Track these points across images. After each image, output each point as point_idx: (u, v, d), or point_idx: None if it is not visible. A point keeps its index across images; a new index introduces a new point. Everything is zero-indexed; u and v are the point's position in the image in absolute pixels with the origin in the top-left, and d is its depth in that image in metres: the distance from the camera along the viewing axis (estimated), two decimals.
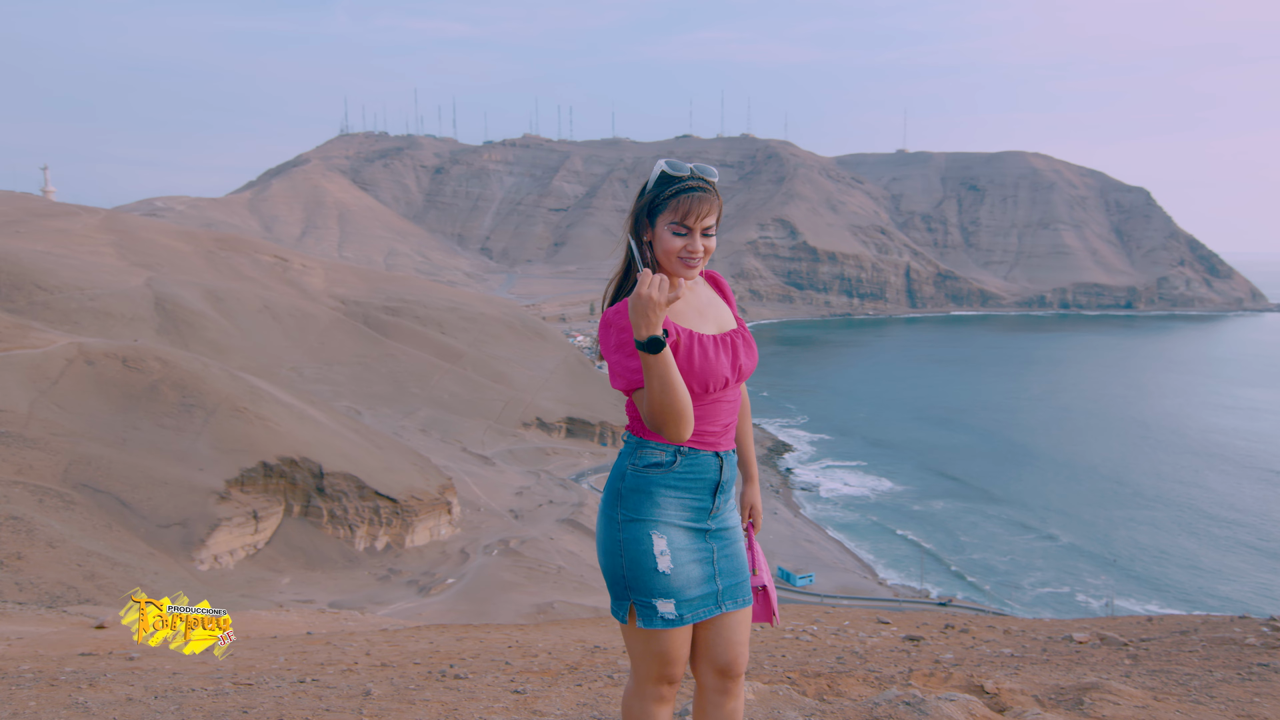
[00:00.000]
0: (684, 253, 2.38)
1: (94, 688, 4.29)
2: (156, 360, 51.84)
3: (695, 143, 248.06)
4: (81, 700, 3.93)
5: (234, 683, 4.53)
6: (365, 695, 4.10)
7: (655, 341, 2.18)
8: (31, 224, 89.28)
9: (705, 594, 2.45)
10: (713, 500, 2.47)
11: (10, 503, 34.90)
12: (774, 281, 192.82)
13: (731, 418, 2.51)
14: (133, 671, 5.05)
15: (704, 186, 2.39)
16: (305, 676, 5.03)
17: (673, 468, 2.43)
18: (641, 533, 2.40)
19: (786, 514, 68.08)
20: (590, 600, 42.80)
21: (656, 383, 2.21)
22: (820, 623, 6.99)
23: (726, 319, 2.55)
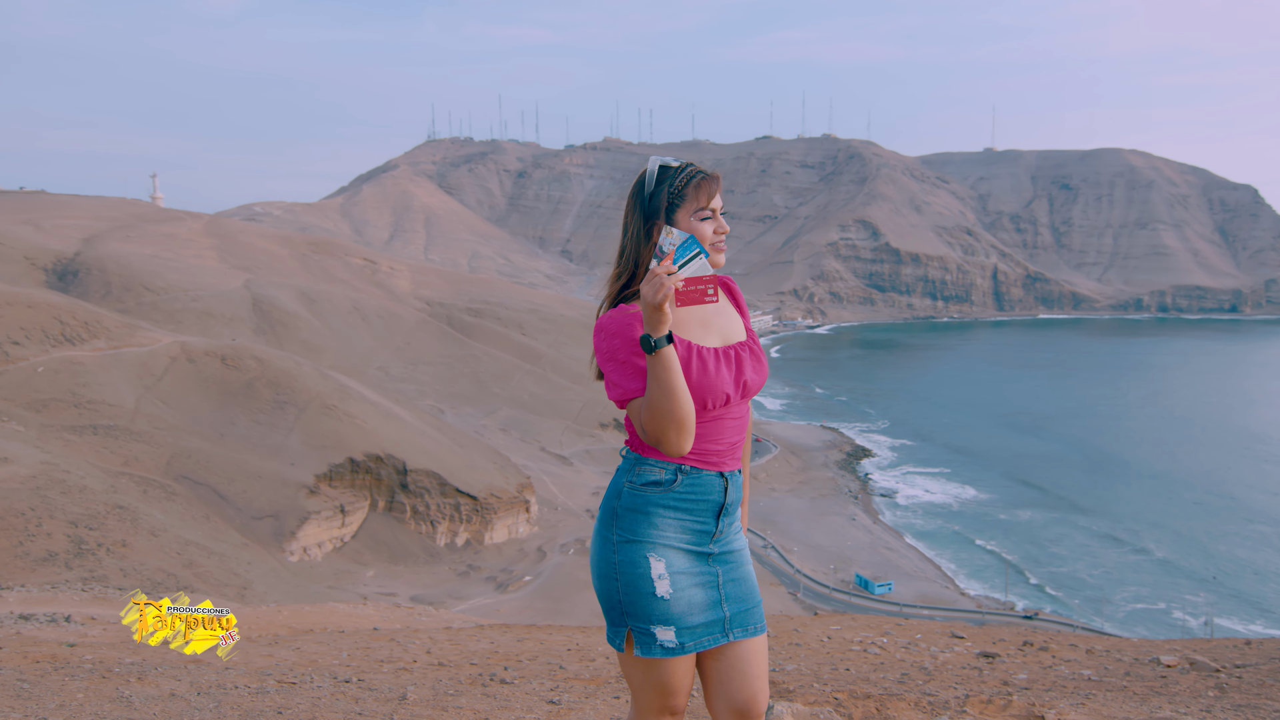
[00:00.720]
0: (715, 236, 2.31)
1: (141, 682, 4.33)
2: (253, 359, 54.10)
3: (775, 144, 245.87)
4: (127, 694, 3.97)
5: (279, 680, 4.55)
6: (401, 699, 4.08)
7: (645, 340, 2.07)
8: (141, 229, 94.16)
9: (710, 621, 2.26)
10: (716, 523, 2.29)
11: (117, 492, 36.86)
12: (855, 283, 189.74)
13: (737, 436, 2.33)
14: (186, 666, 5.14)
15: (703, 171, 2.34)
16: (354, 676, 5.04)
17: (673, 487, 2.25)
18: (638, 555, 2.23)
19: (865, 520, 66.96)
20: None
21: (658, 388, 2.07)
22: (891, 635, 6.87)
23: (734, 330, 2.38)
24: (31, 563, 29.52)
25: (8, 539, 30.56)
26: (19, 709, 3.61)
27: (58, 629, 10.21)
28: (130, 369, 49.96)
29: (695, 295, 2.10)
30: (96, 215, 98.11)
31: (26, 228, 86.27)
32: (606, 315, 2.29)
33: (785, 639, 6.78)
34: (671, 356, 2.07)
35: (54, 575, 27.96)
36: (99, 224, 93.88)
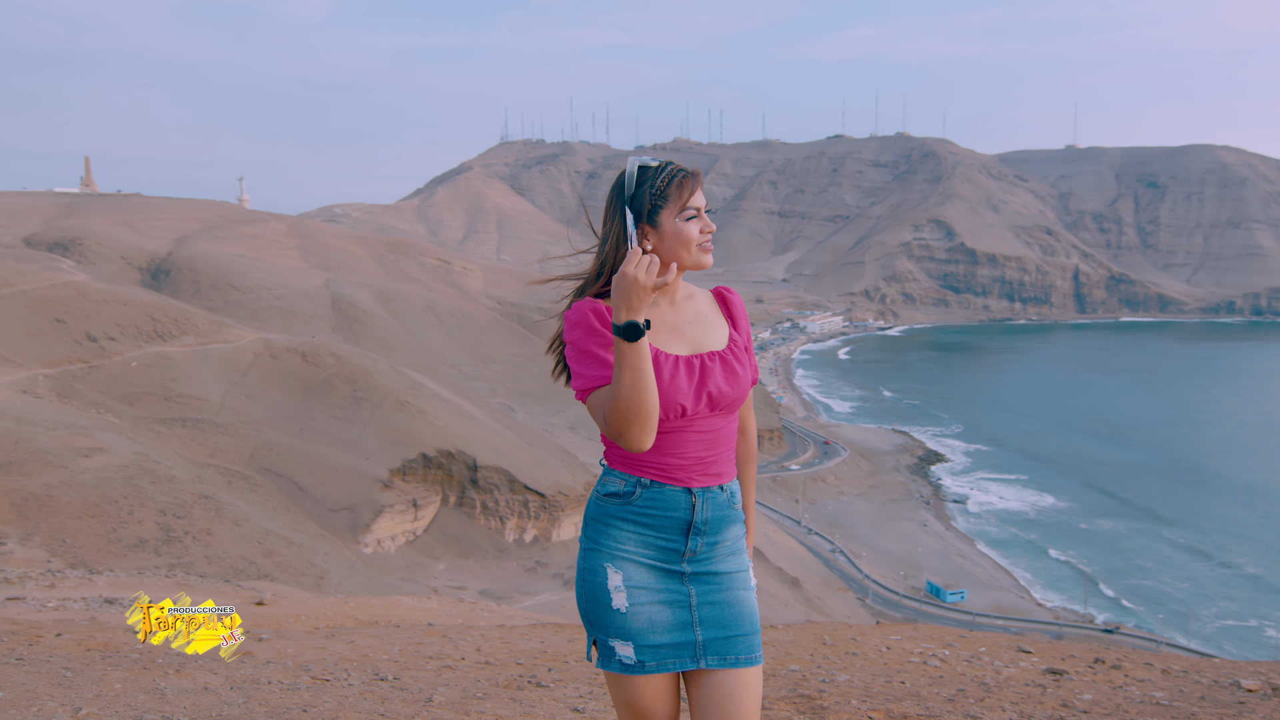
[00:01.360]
0: (701, 236, 2.16)
1: (179, 674, 4.36)
2: (331, 356, 55.77)
3: (847, 142, 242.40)
4: (162, 686, 4.01)
5: (313, 677, 4.52)
6: (427, 701, 4.06)
7: (633, 327, 1.94)
8: (228, 230, 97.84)
9: (677, 643, 2.11)
10: (685, 541, 2.12)
11: (203, 483, 38.38)
12: (928, 285, 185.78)
13: (708, 451, 2.14)
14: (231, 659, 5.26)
15: (684, 169, 2.19)
16: (395, 673, 5.01)
17: (631, 499, 2.13)
18: (597, 564, 2.13)
19: (937, 526, 65.63)
20: None
21: (628, 377, 1.95)
22: (954, 647, 6.72)
23: (710, 339, 2.21)
24: (123, 548, 30.91)
25: (103, 525, 32.05)
26: (57, 697, 3.66)
27: None
28: (217, 364, 52.00)
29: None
30: (187, 217, 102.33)
31: (123, 229, 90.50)
32: (572, 309, 2.19)
33: (842, 648, 6.67)
34: (645, 348, 1.97)
35: (143, 561, 29.24)
36: (189, 225, 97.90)
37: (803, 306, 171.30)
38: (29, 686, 3.79)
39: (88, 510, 31.81)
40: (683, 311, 2.23)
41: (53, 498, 31.34)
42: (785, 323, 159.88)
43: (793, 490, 69.71)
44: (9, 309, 50.25)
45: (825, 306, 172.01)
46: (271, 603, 11.95)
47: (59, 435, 35.68)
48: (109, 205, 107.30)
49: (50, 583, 16.00)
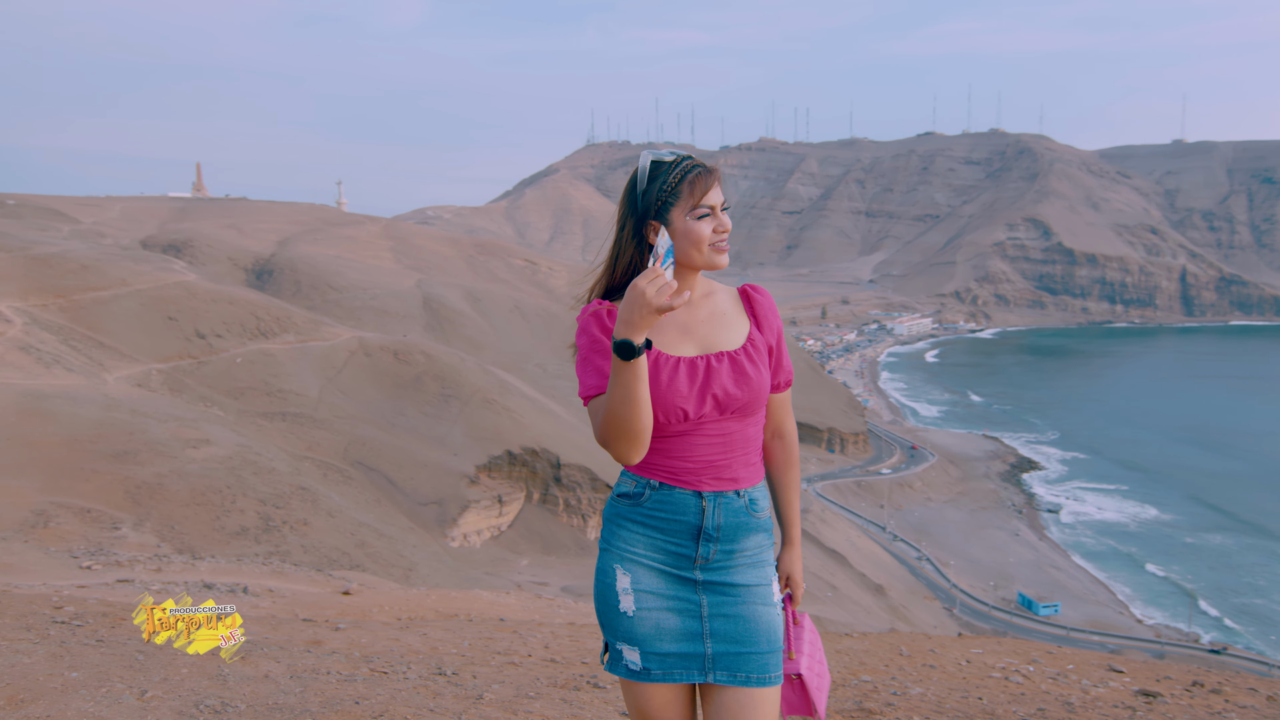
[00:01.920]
0: (714, 236, 2.06)
1: (244, 660, 4.41)
2: (422, 354, 57.37)
3: (938, 140, 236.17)
4: (226, 673, 4.06)
5: (372, 669, 4.52)
6: (477, 699, 4.03)
7: (627, 346, 1.85)
8: (326, 232, 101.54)
9: (685, 653, 2.01)
10: (695, 547, 2.03)
11: (301, 475, 39.94)
12: (1023, 286, 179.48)
13: (719, 455, 2.04)
14: (302, 648, 5.14)
15: (701, 164, 2.08)
16: (456, 668, 4.98)
17: (641, 501, 2.06)
18: (608, 564, 2.07)
19: (1030, 536, 63.48)
20: (813, 609, 42.23)
21: (620, 394, 1.88)
22: (1039, 663, 6.52)
23: (723, 338, 2.10)
24: (226, 536, 32.38)
25: (208, 513, 33.62)
26: (126, 679, 3.73)
27: (235, 598, 11.26)
28: (315, 361, 54.08)
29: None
30: (289, 219, 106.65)
31: (231, 231, 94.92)
32: (585, 311, 2.15)
33: (919, 659, 6.50)
34: (644, 363, 1.89)
35: (244, 548, 30.57)
36: (291, 227, 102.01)
37: (890, 308, 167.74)
38: (102, 668, 3.88)
39: (194, 499, 33.36)
40: (697, 310, 2.13)
41: (163, 486, 33.02)
42: (872, 325, 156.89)
43: (878, 495, 68.39)
44: (126, 307, 53.29)
45: (913, 308, 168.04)
46: (357, 592, 12.33)
47: (169, 427, 37.57)
48: (218, 209, 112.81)
49: (157, 567, 16.90)
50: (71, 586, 11.54)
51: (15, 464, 31.96)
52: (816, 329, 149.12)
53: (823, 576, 48.30)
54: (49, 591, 8.34)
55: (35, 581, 12.23)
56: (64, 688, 3.36)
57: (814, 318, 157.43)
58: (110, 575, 15.65)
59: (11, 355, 40.39)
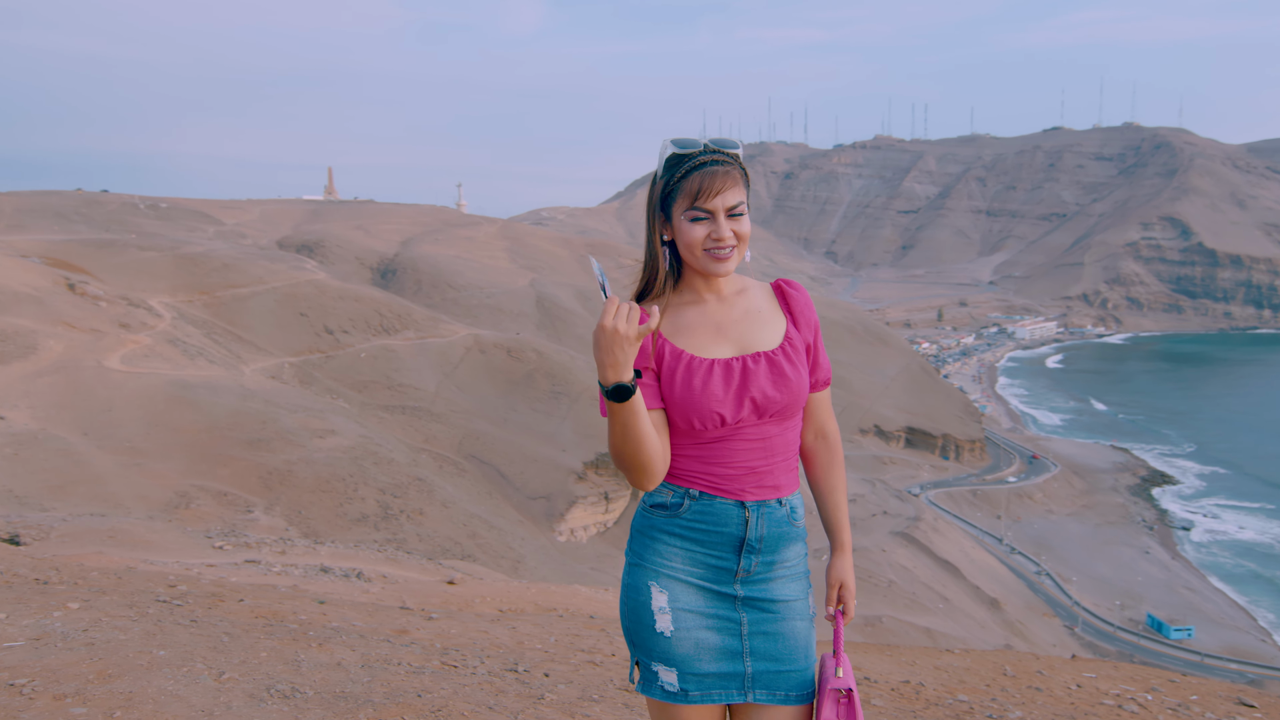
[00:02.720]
0: (709, 242, 1.89)
1: (321, 648, 4.45)
2: (534, 351, 58.68)
3: (1066, 135, 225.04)
4: (301, 659, 4.12)
5: (442, 663, 4.51)
6: (538, 700, 4.00)
7: (620, 389, 1.73)
8: (447, 233, 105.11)
9: (724, 673, 1.90)
10: (737, 560, 1.91)
11: (418, 466, 41.45)
12: (1158, 289, 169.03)
13: (760, 461, 1.93)
14: (383, 637, 5.12)
15: (719, 160, 1.89)
16: (531, 665, 4.94)
17: (680, 512, 1.92)
18: (641, 581, 1.93)
19: (1161, 554, 59.85)
20: (923, 620, 41.06)
21: (618, 430, 1.78)
22: (1159, 691, 6.10)
23: (760, 337, 1.97)
24: (348, 522, 33.92)
25: (332, 500, 35.28)
26: (208, 660, 3.84)
27: (348, 583, 11.79)
28: (433, 357, 56.08)
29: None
30: (412, 221, 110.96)
31: (358, 232, 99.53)
32: None
33: (1025, 681, 6.14)
34: (639, 404, 1.76)
35: (363, 535, 31.95)
36: (413, 228, 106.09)
37: (1011, 311, 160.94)
38: (189, 648, 4.01)
39: (320, 486, 35.04)
40: (731, 307, 1.98)
41: (292, 473, 34.86)
42: (991, 328, 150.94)
43: (995, 506, 65.85)
44: (263, 304, 56.56)
45: (1037, 311, 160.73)
46: (461, 582, 12.65)
47: (299, 417, 39.63)
48: (347, 211, 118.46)
49: (282, 550, 17.85)
50: (201, 565, 12.36)
51: (162, 448, 34.42)
52: (932, 332, 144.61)
53: (934, 587, 46.85)
54: (168, 570, 8.91)
55: (170, 559, 13.16)
56: (150, 665, 3.55)
57: (929, 320, 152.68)
58: (239, 556, 16.68)
59: (161, 347, 43.48)
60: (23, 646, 3.45)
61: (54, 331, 40.31)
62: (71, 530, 18.00)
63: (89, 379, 37.22)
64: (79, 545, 15.51)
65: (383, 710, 3.18)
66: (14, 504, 26.85)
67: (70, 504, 27.97)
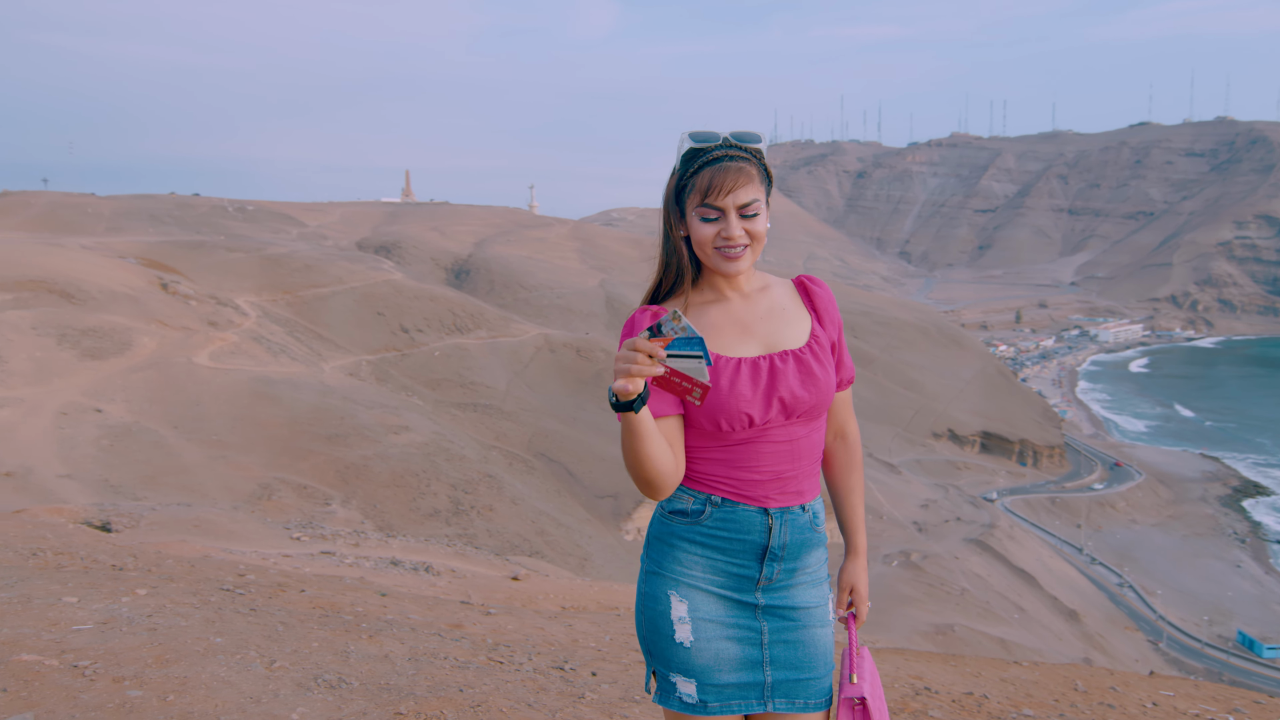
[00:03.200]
0: (719, 241, 1.83)
1: (371, 639, 4.46)
2: (603, 351, 59.06)
3: (1154, 130, 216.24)
4: (350, 650, 4.16)
5: (489, 658, 4.50)
6: (579, 698, 3.96)
7: (625, 403, 1.65)
8: (518, 234, 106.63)
9: (744, 683, 1.85)
10: (759, 568, 1.86)
11: (489, 463, 42.12)
12: (1253, 290, 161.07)
13: (787, 465, 1.87)
14: (436, 629, 5.10)
15: (735, 155, 1.83)
16: (579, 664, 4.91)
17: (701, 519, 1.86)
18: (660, 590, 1.87)
19: (1254, 568, 57.10)
20: (997, 630, 39.98)
21: (626, 441, 1.71)
22: (1242, 713, 5.75)
23: (787, 335, 1.92)
24: (420, 516, 34.65)
25: (405, 494, 36.09)
26: (261, 649, 3.91)
27: (416, 576, 12.03)
28: (504, 356, 56.93)
29: (675, 388, 1.65)
30: (485, 222, 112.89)
31: (433, 234, 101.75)
32: (639, 309, 1.96)
33: (1097, 697, 5.89)
34: (641, 422, 1.67)
35: (435, 530, 32.59)
36: (486, 229, 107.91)
37: (1094, 313, 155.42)
38: (245, 636, 4.10)
39: (394, 481, 35.87)
40: (755, 305, 1.95)
41: (368, 468, 35.78)
42: (1073, 330, 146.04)
43: (1075, 514, 63.71)
44: (342, 303, 58.22)
45: (1121, 313, 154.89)
46: (526, 578, 12.77)
47: (375, 413, 40.66)
48: (423, 213, 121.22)
49: (355, 542, 18.33)
50: (277, 555, 12.78)
51: (246, 442, 35.73)
52: (1010, 334, 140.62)
53: (1009, 597, 45.61)
54: (240, 560, 9.22)
55: (248, 549, 13.64)
56: (205, 651, 3.66)
57: (1007, 322, 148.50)
58: (315, 547, 17.18)
59: (246, 345, 45.11)
60: (90, 630, 3.62)
61: (148, 329, 42.19)
62: (160, 519, 18.81)
63: (179, 375, 38.83)
64: (166, 534, 16.21)
65: (423, 703, 3.23)
66: (110, 493, 28.23)
67: (161, 493, 29.26)
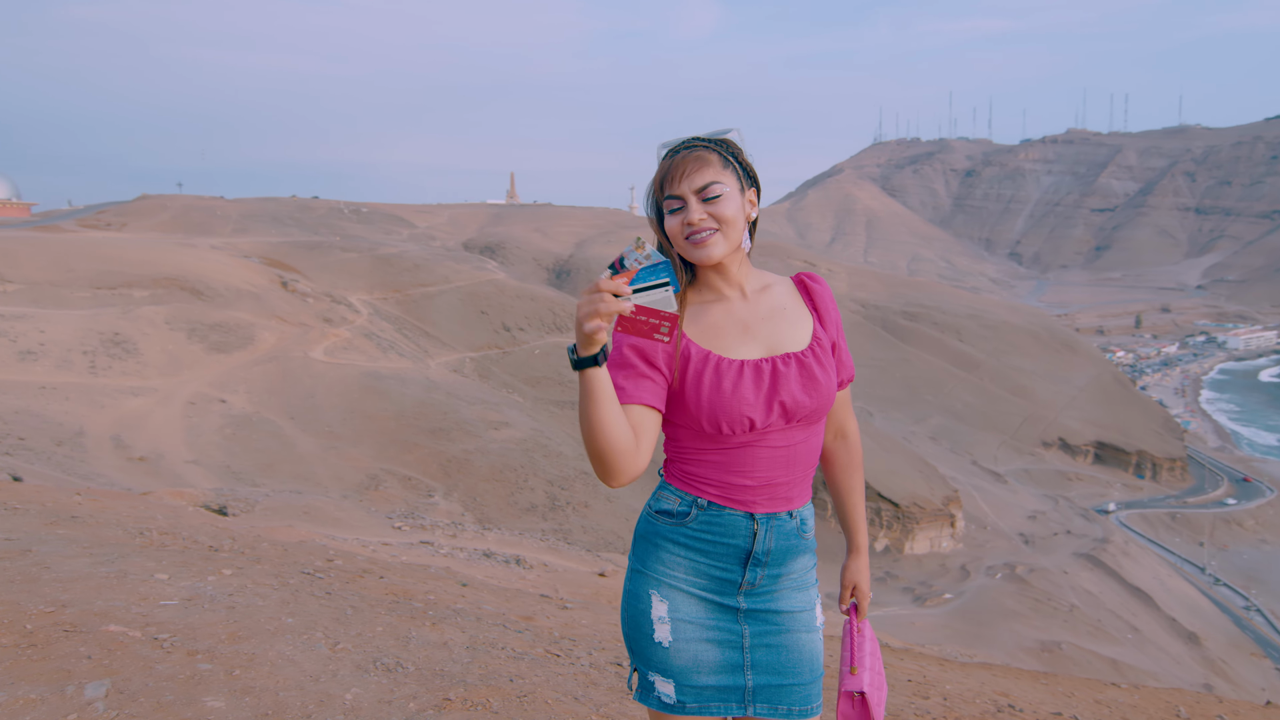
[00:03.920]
0: (685, 229, 1.80)
1: (434, 627, 4.49)
2: None
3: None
4: (412, 635, 4.20)
5: (546, 650, 4.47)
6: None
7: (572, 355, 1.64)
8: (618, 234, 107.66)
9: (723, 686, 1.84)
10: (742, 572, 1.85)
11: (584, 460, 42.60)
12: None
13: (781, 473, 1.85)
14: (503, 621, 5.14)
15: (696, 147, 1.82)
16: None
17: (685, 521, 1.85)
18: (642, 589, 1.87)
19: None
20: (1108, 650, 38.12)
21: (585, 407, 1.66)
22: None
23: (790, 338, 1.89)
24: (518, 510, 35.40)
25: (504, 489, 36.93)
26: (328, 631, 4.01)
27: (508, 569, 12.30)
28: None
29: (642, 327, 1.64)
30: (586, 223, 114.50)
31: (536, 234, 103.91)
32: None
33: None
34: (597, 381, 1.64)
35: (531, 524, 33.23)
36: (587, 230, 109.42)
37: (1223, 318, 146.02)
38: (314, 618, 4.22)
39: (494, 475, 36.76)
40: (757, 305, 1.91)
41: (469, 461, 36.78)
42: (1198, 336, 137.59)
43: (1197, 531, 60.10)
44: (448, 302, 60.06)
45: (1252, 319, 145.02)
46: (612, 575, 12.94)
47: (477, 409, 41.78)
48: (526, 214, 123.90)
49: (453, 534, 18.88)
50: (377, 544, 13.29)
51: (356, 434, 37.29)
52: (1128, 339, 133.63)
53: (1122, 616, 43.42)
54: (332, 545, 9.60)
55: (350, 536, 14.24)
56: (275, 631, 3.83)
57: (1126, 327, 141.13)
58: (415, 537, 17.80)
59: (358, 341, 47.07)
60: (175, 606, 3.89)
61: (268, 325, 44.51)
62: (273, 504, 19.84)
63: (296, 368, 40.82)
64: (278, 519, 17.09)
65: (472, 691, 3.33)
66: (231, 479, 29.95)
67: (277, 481, 30.85)
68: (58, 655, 3.08)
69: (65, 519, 6.29)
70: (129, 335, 38.83)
